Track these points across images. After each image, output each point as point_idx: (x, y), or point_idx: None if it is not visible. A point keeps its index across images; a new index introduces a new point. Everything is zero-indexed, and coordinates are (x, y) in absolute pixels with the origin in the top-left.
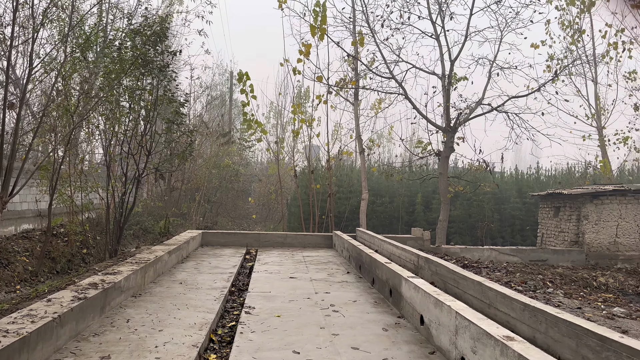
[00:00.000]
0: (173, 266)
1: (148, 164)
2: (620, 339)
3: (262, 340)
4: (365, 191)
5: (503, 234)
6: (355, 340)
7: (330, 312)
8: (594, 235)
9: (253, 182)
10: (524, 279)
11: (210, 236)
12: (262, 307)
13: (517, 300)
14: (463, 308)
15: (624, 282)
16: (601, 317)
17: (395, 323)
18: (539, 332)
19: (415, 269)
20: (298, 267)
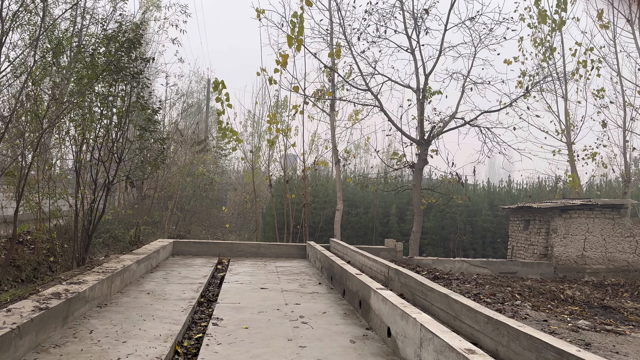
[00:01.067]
0: (142, 276)
1: (119, 171)
2: (577, 352)
3: (228, 352)
4: (340, 202)
5: (475, 245)
6: (322, 353)
7: (299, 323)
8: (562, 248)
9: (228, 190)
10: (493, 291)
11: (182, 245)
12: (231, 319)
13: (481, 313)
14: (428, 320)
15: (590, 295)
16: (566, 329)
17: (364, 335)
18: (501, 345)
19: (386, 280)
20: (270, 278)
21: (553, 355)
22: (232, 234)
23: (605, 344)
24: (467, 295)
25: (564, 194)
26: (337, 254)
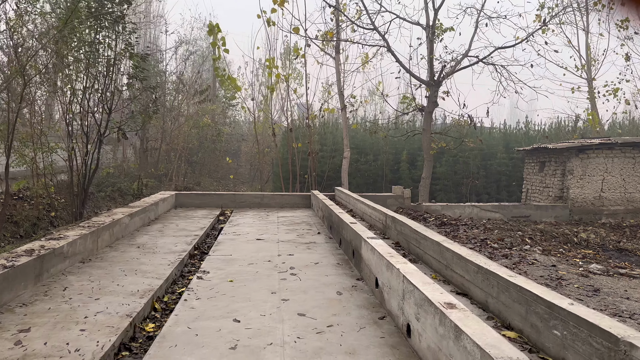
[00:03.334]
0: (137, 229)
1: (110, 122)
2: (570, 306)
3: (206, 307)
4: (347, 149)
5: (489, 190)
6: (304, 306)
7: (288, 275)
8: (578, 190)
9: (242, 141)
10: (501, 236)
11: (184, 197)
12: (218, 272)
13: (471, 261)
14: (412, 271)
15: (606, 238)
16: (575, 274)
17: (352, 286)
18: (491, 297)
19: (384, 228)
20: (269, 228)
21: (543, 308)
22: (244, 185)
23: (616, 289)
24: (473, 241)
25: (584, 134)
26: (341, 202)
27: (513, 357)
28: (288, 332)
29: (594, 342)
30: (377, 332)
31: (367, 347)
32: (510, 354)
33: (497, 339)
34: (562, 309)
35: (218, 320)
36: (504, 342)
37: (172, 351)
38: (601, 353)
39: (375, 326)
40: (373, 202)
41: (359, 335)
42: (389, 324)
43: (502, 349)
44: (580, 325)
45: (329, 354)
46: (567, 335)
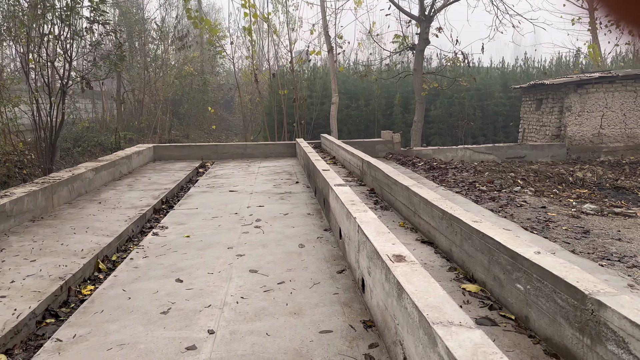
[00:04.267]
0: (105, 184)
1: (73, 71)
2: (535, 256)
3: (150, 267)
4: (336, 94)
5: (485, 132)
6: (259, 262)
7: (251, 228)
8: (576, 127)
9: (234, 91)
10: (491, 179)
11: (164, 150)
12: (177, 227)
13: (437, 207)
14: (368, 220)
15: (603, 176)
16: (566, 216)
17: (318, 238)
18: (455, 245)
19: (361, 175)
20: (246, 179)
21: (506, 258)
22: (237, 136)
23: (608, 230)
24: (461, 184)
25: (585, 69)
26: (326, 150)
27: (454, 321)
28: (233, 291)
29: (558, 299)
30: (331, 288)
31: (316, 305)
32: (452, 318)
33: (440, 299)
34: (526, 259)
35: (159, 280)
36: (448, 302)
37: (95, 318)
38: (566, 312)
39: (331, 281)
40: (362, 148)
41: (310, 293)
42: (347, 278)
43: (444, 312)
44: (544, 279)
45: (271, 315)
46: (530, 290)
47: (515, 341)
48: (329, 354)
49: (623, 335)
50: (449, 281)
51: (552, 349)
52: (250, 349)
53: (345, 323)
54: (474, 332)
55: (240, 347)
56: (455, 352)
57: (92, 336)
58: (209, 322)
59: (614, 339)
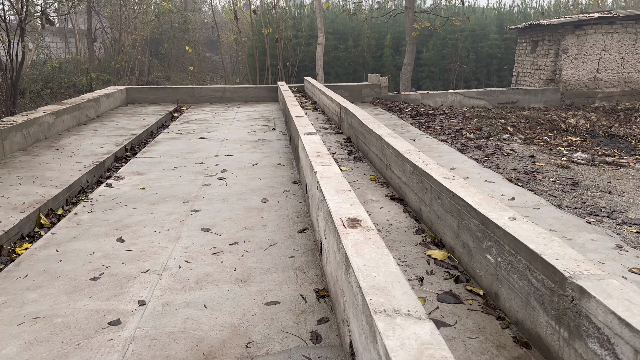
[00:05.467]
0: (67, 129)
1: (30, 5)
2: (509, 222)
3: (92, 224)
4: (322, 34)
5: (478, 75)
6: (215, 219)
7: (214, 180)
8: (572, 71)
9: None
10: (480, 125)
11: (137, 93)
12: (134, 177)
13: (408, 160)
14: (329, 176)
15: (596, 123)
16: (555, 165)
17: (284, 191)
18: (424, 204)
19: (339, 121)
20: (220, 125)
21: (476, 224)
22: (222, 79)
23: (599, 181)
24: (448, 132)
25: (585, 9)
26: (308, 94)
27: (402, 309)
28: (177, 254)
29: (533, 278)
30: (287, 251)
31: (267, 271)
32: (400, 304)
33: (391, 277)
34: (498, 227)
35: (99, 240)
36: (399, 282)
37: (16, 284)
38: (541, 295)
39: (290, 242)
40: (347, 93)
41: (264, 256)
42: (307, 239)
43: (392, 295)
44: (517, 252)
45: (214, 283)
46: (501, 263)
47: (481, 324)
48: (271, 332)
49: (609, 334)
50: (415, 246)
51: (523, 336)
52: (181, 325)
53: (296, 292)
54: (423, 325)
55: (170, 323)
56: (395, 354)
57: (5, 307)
58: (142, 291)
59: (597, 337)
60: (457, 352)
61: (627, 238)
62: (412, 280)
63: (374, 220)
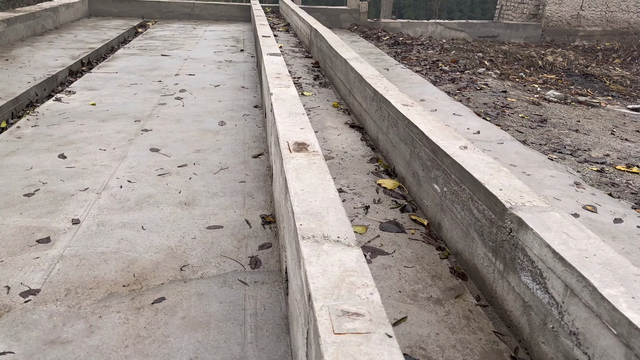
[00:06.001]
0: (21, 39)
1: None
2: (460, 151)
3: (34, 138)
4: None
5: (462, 7)
6: (167, 139)
7: (171, 100)
8: (555, 7)
9: None
10: (457, 58)
11: (100, 4)
12: (86, 93)
13: (370, 85)
14: (284, 98)
15: (574, 62)
16: (526, 102)
17: (244, 115)
18: (382, 132)
19: (309, 45)
20: (186, 43)
21: (426, 152)
22: None
23: (568, 119)
24: (424, 63)
25: None
26: (283, 15)
27: (331, 235)
28: (121, 173)
29: (475, 209)
30: (239, 175)
31: (214, 195)
32: (331, 231)
33: (328, 203)
34: (447, 155)
35: (39, 155)
36: (335, 209)
37: None
38: (481, 226)
39: (242, 167)
40: (324, 17)
41: (213, 180)
42: (261, 165)
43: (325, 222)
44: (462, 181)
45: (156, 204)
46: (447, 193)
47: (420, 254)
48: (209, 255)
49: (542, 268)
50: (366, 174)
51: (460, 268)
52: (115, 246)
53: (241, 217)
54: (350, 252)
55: (103, 243)
56: (314, 281)
57: None
58: (77, 210)
59: (531, 270)
60: (390, 280)
61: (587, 176)
62: (357, 208)
63: (329, 147)
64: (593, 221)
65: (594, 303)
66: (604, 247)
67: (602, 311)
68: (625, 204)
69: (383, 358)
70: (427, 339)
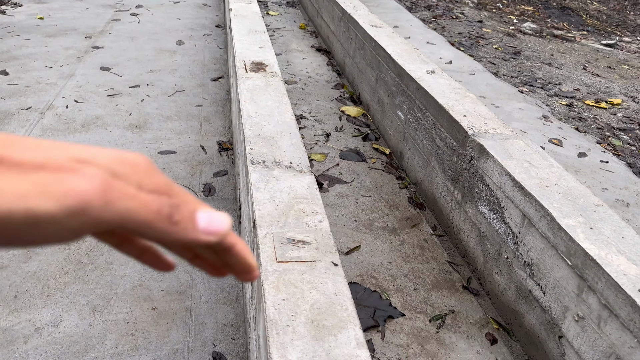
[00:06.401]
0: None
1: None
2: (426, 76)
3: None
4: None
5: None
6: (118, 58)
7: (126, 16)
8: None
9: None
10: None
11: None
12: (32, 5)
13: (338, 4)
14: (244, 14)
15: None
16: (502, 33)
17: (205, 35)
18: (348, 56)
19: None
20: None
21: (392, 77)
22: None
23: (541, 52)
24: None
25: None
26: None
27: (283, 160)
28: (68, 92)
29: (437, 137)
30: (196, 99)
31: (168, 119)
32: (283, 155)
33: (283, 127)
34: (413, 79)
35: None
36: (290, 132)
37: None
38: (442, 154)
39: (200, 90)
40: None
41: (167, 102)
42: (221, 89)
43: (277, 145)
44: (427, 107)
45: (104, 126)
46: (410, 120)
47: (379, 183)
48: None
49: (500, 197)
50: (330, 100)
51: (419, 197)
52: None
53: (196, 143)
54: (302, 179)
55: None
56: (260, 207)
57: None
58: (18, 130)
59: (489, 199)
60: (346, 209)
61: (556, 110)
62: (318, 135)
63: (293, 71)
64: (558, 154)
65: (550, 233)
66: (566, 176)
67: (558, 242)
68: (591, 139)
69: (326, 287)
70: (380, 268)
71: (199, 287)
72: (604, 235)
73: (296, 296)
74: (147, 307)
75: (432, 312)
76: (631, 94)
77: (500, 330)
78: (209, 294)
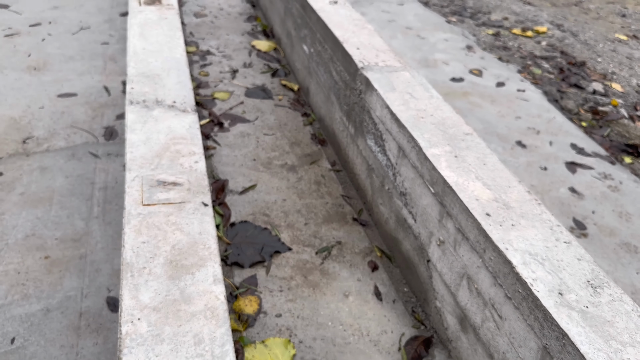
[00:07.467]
0: None
1: None
2: (327, 6)
3: None
4: None
5: None
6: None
7: None
8: None
9: None
10: None
11: None
12: None
13: None
14: None
15: None
16: None
17: None
18: None
19: None
20: None
21: (297, 7)
22: None
23: None
24: None
25: None
26: None
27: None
28: None
29: (334, 71)
30: (102, 36)
31: (70, 58)
32: (165, 96)
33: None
34: (314, 11)
35: None
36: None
37: None
38: (338, 89)
39: (107, 26)
40: None
41: (71, 41)
42: None
43: (163, 85)
44: (326, 41)
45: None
46: (313, 54)
47: (284, 121)
48: (57, 126)
49: (382, 130)
50: (241, 35)
51: (322, 134)
52: None
53: (100, 84)
54: (183, 118)
55: None
56: (132, 150)
57: None
58: None
59: (374, 133)
60: (246, 149)
61: (481, 40)
62: (224, 72)
63: (203, 3)
64: (476, 85)
65: (419, 163)
66: (443, 107)
67: (424, 171)
68: (512, 68)
69: (192, 227)
70: (273, 206)
71: (95, 234)
72: (467, 163)
73: (157, 238)
74: (40, 256)
75: (320, 245)
76: (558, 21)
77: (383, 258)
78: (105, 241)
